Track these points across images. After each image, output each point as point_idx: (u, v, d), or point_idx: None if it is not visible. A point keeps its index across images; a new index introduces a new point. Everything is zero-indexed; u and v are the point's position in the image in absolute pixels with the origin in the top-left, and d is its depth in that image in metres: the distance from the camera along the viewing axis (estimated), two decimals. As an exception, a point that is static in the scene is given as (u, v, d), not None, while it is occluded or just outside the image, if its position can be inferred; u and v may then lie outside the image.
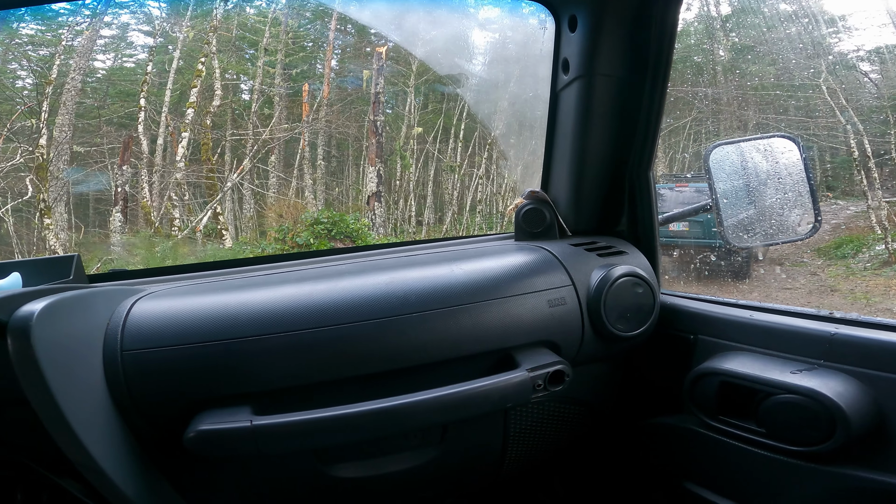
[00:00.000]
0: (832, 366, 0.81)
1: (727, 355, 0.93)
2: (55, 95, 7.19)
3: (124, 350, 0.76)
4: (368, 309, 0.84)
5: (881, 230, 6.63)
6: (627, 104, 1.05)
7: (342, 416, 0.77)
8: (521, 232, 1.16)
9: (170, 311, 0.82)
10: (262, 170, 8.84)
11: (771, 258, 7.37)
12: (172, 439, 0.76)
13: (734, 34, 8.70)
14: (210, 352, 0.78)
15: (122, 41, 8.31)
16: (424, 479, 1.00)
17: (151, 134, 7.86)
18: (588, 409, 1.11)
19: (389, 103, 9.45)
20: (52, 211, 6.96)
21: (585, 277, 0.98)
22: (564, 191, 1.14)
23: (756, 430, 0.86)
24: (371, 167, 8.44)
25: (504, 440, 1.03)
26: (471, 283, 0.92)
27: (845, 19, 7.54)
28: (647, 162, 1.09)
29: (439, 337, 0.86)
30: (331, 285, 0.90)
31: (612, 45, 1.00)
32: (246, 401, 0.79)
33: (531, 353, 0.91)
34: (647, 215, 1.11)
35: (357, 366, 0.83)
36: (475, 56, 9.32)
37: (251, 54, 9.14)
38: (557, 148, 1.15)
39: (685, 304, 1.06)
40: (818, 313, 0.89)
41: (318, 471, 0.90)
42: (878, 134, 7.16)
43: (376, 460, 0.94)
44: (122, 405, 0.75)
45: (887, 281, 5.97)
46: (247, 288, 0.91)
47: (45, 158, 6.95)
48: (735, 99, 8.70)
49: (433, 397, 0.81)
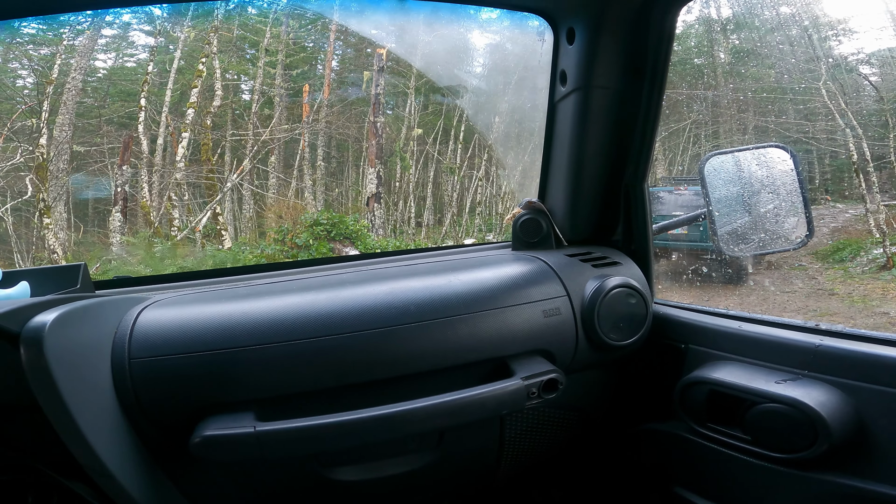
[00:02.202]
0: (816, 376, 0.84)
1: (716, 365, 0.96)
2: (56, 95, 7.18)
3: (132, 358, 0.79)
4: (369, 319, 0.87)
5: (879, 234, 6.64)
6: (624, 116, 1.07)
7: (343, 422, 0.79)
8: (518, 241, 1.18)
9: (176, 319, 0.85)
10: (262, 170, 8.84)
11: (769, 261, 7.38)
12: (178, 444, 0.79)
13: (734, 37, 8.71)
14: (215, 360, 0.80)
15: (124, 41, 8.29)
16: (422, 482, 1.02)
17: (151, 134, 7.85)
18: (582, 416, 1.14)
19: (389, 104, 9.46)
20: (52, 210, 6.96)
21: (580, 288, 1.01)
22: (561, 201, 1.16)
23: (742, 437, 0.90)
24: (371, 168, 8.45)
25: (500, 445, 1.06)
26: (468, 293, 0.94)
27: (845, 22, 7.56)
28: (643, 173, 1.11)
29: (437, 346, 0.89)
30: (333, 295, 0.92)
31: (609, 58, 1.02)
32: (249, 407, 0.81)
33: (526, 361, 0.93)
34: (641, 226, 1.13)
35: (358, 374, 0.85)
36: (473, 67, 9.33)
37: (252, 55, 9.14)
38: (554, 158, 1.16)
39: (677, 314, 1.09)
40: (804, 325, 0.92)
41: (319, 474, 0.93)
42: (878, 137, 7.17)
43: (375, 464, 0.96)
44: (131, 411, 0.78)
45: (885, 285, 5.98)
46: (250, 297, 0.93)
47: (45, 158, 6.94)
48: (734, 102, 8.70)
49: (431, 404, 0.83)
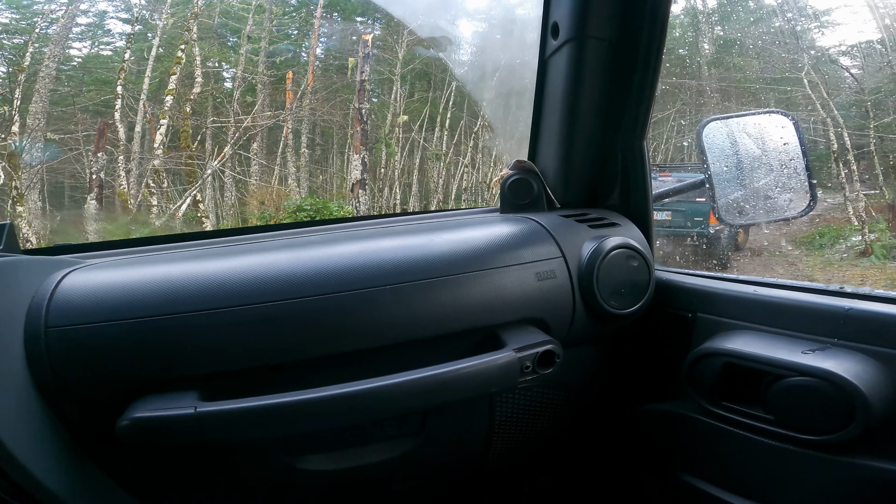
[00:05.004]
0: (847, 344, 0.73)
1: (730, 335, 0.85)
2: (28, 83, 6.98)
3: (49, 326, 0.67)
4: (336, 280, 0.75)
5: (858, 222, 6.76)
6: (620, 69, 1.00)
7: (302, 401, 0.68)
8: (506, 204, 1.10)
9: (106, 283, 0.72)
10: (244, 157, 8.70)
11: (750, 247, 7.48)
12: (108, 426, 0.68)
13: (719, 28, 8.78)
14: (151, 327, 0.68)
15: (99, 29, 8.10)
16: (402, 471, 0.91)
17: (129, 122, 7.67)
18: (577, 396, 1.04)
19: (375, 91, 9.36)
20: (25, 199, 6.76)
21: (576, 249, 0.92)
22: (553, 161, 1.09)
23: (763, 416, 0.79)
24: (356, 155, 8.34)
25: (489, 429, 0.95)
26: (451, 253, 0.83)
27: (829, 13, 7.65)
28: (641, 130, 1.03)
29: (416, 312, 0.78)
30: (294, 254, 0.81)
31: (604, 5, 0.95)
32: (194, 383, 0.70)
33: (518, 331, 0.83)
34: (640, 186, 1.05)
35: (324, 344, 0.74)
36: (461, 19, 9.11)
37: (234, 42, 8.97)
38: (545, 117, 1.09)
39: (682, 280, 0.99)
40: (827, 288, 0.81)
41: (284, 463, 0.81)
42: (857, 127, 7.28)
43: (349, 451, 0.85)
44: (46, 389, 0.66)
45: (863, 271, 6.09)
46: (199, 258, 0.81)
47: (18, 146, 6.75)
48: (717, 91, 8.78)
49: (410, 379, 0.72)
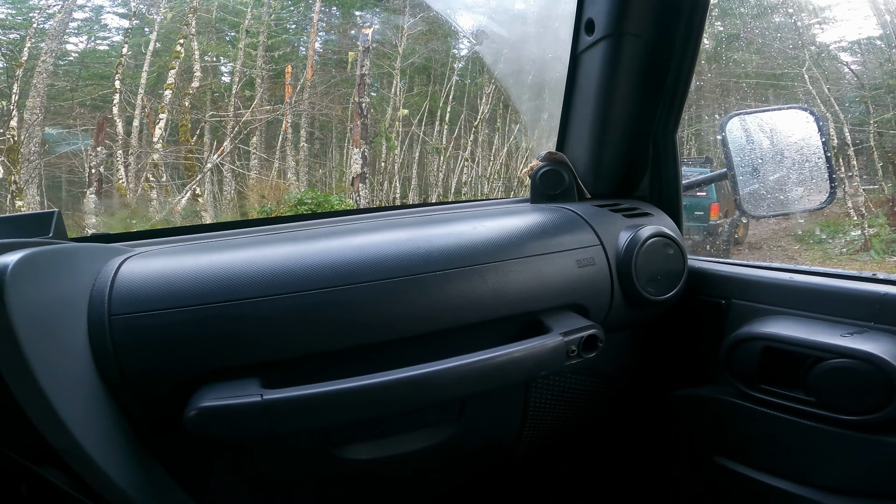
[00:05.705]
0: (885, 328, 0.76)
1: (767, 320, 0.87)
2: (26, 78, 6.95)
3: (113, 314, 0.65)
4: (388, 266, 0.75)
5: (857, 217, 6.80)
6: (656, 64, 1.00)
7: (367, 386, 0.68)
8: (537, 194, 1.11)
9: (165, 270, 0.72)
10: (244, 151, 8.66)
11: (749, 242, 7.52)
12: (167, 419, 0.68)
13: (719, 23, 8.77)
14: (212, 314, 0.68)
15: (96, 23, 8.08)
16: (440, 459, 0.92)
17: (127, 116, 7.63)
18: (610, 382, 1.05)
19: (374, 86, 9.32)
20: (24, 193, 6.73)
21: (613, 237, 0.93)
22: (584, 153, 1.10)
23: (804, 398, 0.81)
24: (356, 149, 8.32)
25: (524, 415, 0.96)
26: (496, 240, 0.84)
27: (829, 9, 7.66)
28: (674, 123, 1.05)
29: (464, 298, 0.78)
30: (345, 241, 0.81)
31: (643, 3, 0.94)
32: (254, 372, 0.69)
33: (560, 317, 0.84)
34: (672, 178, 1.06)
35: (376, 331, 0.74)
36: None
37: (232, 36, 8.91)
38: (576, 110, 1.10)
39: (715, 267, 1.00)
40: (861, 275, 0.83)
41: (327, 453, 0.81)
42: (857, 123, 7.31)
43: (390, 440, 0.85)
44: (111, 379, 0.65)
45: (862, 266, 6.13)
46: (251, 246, 0.81)
47: (17, 140, 6.72)
48: (717, 87, 8.79)
49: (464, 364, 0.73)
